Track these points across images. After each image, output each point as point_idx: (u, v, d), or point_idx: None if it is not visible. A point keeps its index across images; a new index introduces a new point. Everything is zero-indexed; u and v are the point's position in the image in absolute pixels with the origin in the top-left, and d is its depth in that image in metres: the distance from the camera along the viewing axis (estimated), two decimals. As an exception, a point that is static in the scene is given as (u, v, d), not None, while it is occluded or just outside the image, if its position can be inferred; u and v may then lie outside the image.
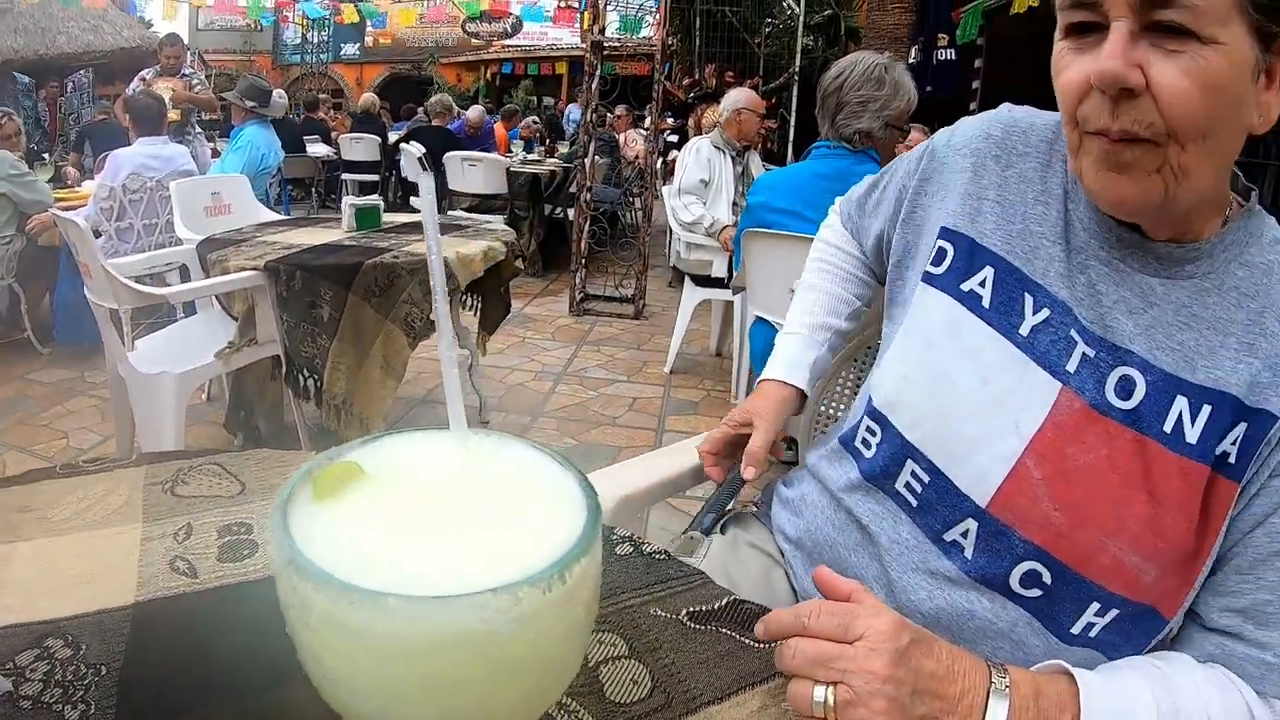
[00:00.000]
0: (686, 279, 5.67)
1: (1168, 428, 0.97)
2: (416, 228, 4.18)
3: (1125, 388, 1.00)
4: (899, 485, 1.14)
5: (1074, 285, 1.06)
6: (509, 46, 25.71)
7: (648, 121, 7.57)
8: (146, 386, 3.34)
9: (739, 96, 5.97)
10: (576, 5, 21.03)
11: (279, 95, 7.76)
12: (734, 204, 5.66)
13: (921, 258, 1.24)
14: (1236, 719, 0.87)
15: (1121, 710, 0.84)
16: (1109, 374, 1.01)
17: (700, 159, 5.76)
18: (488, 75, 25.80)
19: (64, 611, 0.95)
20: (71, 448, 4.39)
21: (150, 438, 3.42)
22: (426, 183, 0.67)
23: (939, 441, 1.10)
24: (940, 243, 1.19)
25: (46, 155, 10.03)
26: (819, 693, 0.77)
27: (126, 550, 1.09)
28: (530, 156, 11.10)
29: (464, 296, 4.05)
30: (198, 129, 8.40)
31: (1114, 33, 0.89)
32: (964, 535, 1.06)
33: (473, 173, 8.69)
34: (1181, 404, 0.97)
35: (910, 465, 1.12)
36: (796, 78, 11.95)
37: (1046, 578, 1.01)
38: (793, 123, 11.98)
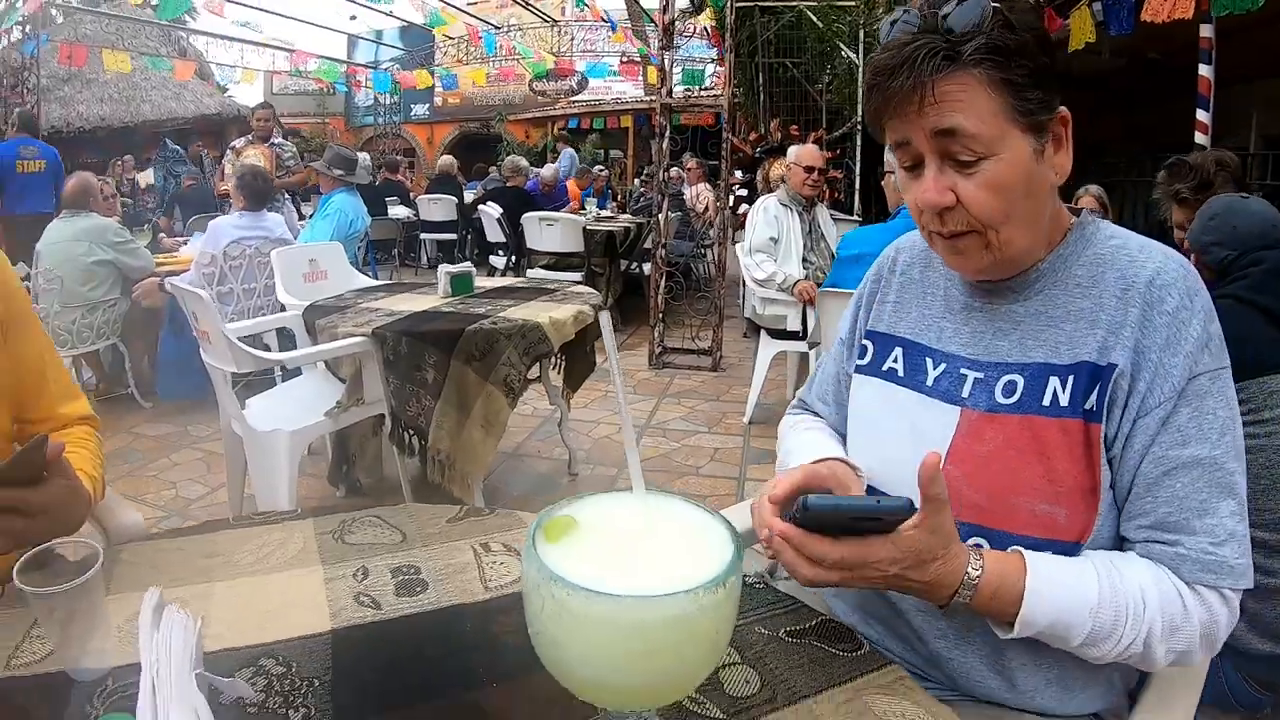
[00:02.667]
0: (762, 332, 5.86)
1: (1046, 402, 1.27)
2: (507, 292, 4.47)
3: (1009, 389, 1.31)
4: None
5: (960, 336, 1.41)
6: (575, 101, 26.05)
7: (719, 178, 7.80)
8: (261, 443, 3.62)
9: (790, 151, 6.24)
10: (639, 60, 21.35)
11: (364, 163, 8.13)
12: (804, 259, 5.87)
13: (852, 359, 1.59)
14: (1169, 598, 1.16)
15: (1055, 606, 1.15)
16: (996, 384, 1.33)
17: (768, 217, 5.97)
18: (555, 130, 26.16)
19: (269, 638, 1.21)
20: (180, 498, 4.68)
21: (265, 490, 3.69)
22: (609, 339, 0.94)
23: (891, 473, 1.42)
24: (864, 342, 1.56)
25: (147, 224, 10.50)
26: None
27: (314, 588, 1.36)
28: (604, 213, 11.38)
29: (552, 358, 4.30)
30: (285, 194, 8.77)
31: (928, 169, 1.25)
32: None
33: (550, 232, 8.98)
34: (1054, 382, 1.27)
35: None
36: (859, 127, 12.12)
37: (986, 545, 1.26)
38: (858, 171, 12.15)
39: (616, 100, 24.85)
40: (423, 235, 12.68)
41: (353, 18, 22.31)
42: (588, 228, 9.11)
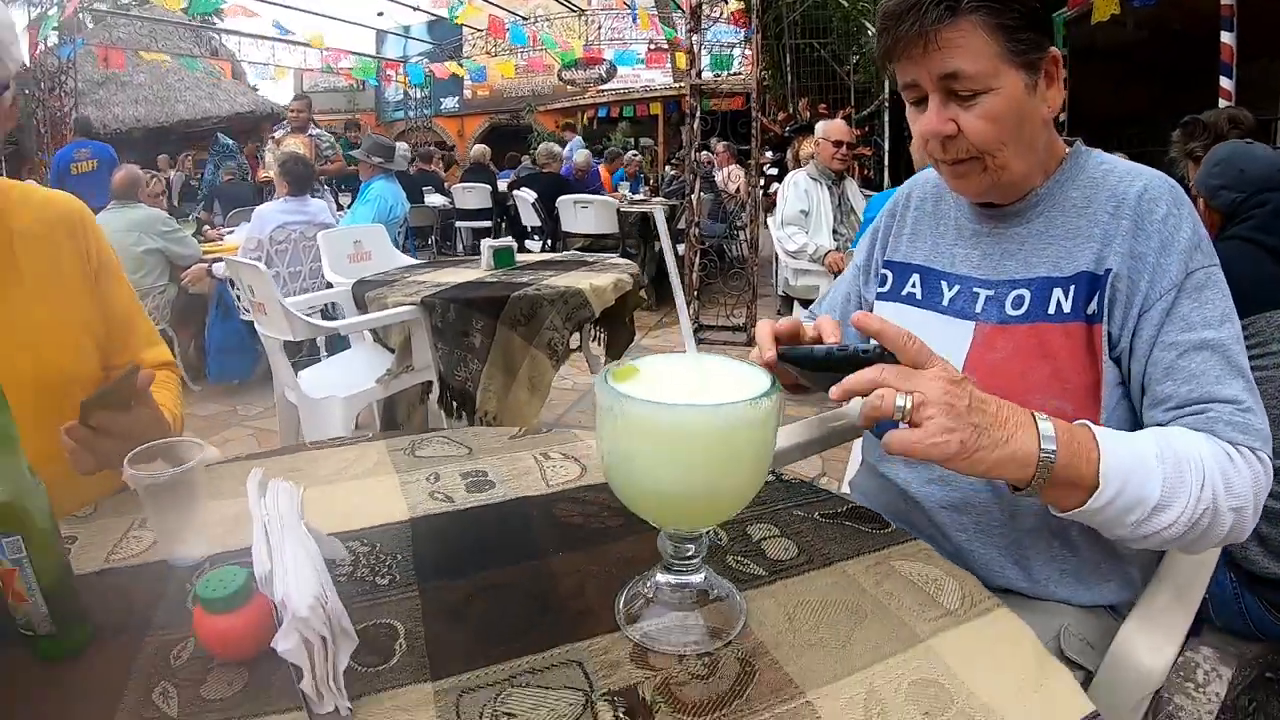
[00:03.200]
0: (795, 304, 5.98)
1: (1050, 310, 1.42)
2: (548, 265, 4.62)
3: (1017, 302, 1.46)
4: None
5: (970, 259, 1.56)
6: (603, 91, 26.02)
7: (750, 159, 7.90)
8: (316, 409, 3.80)
9: (818, 127, 6.36)
10: (667, 48, 21.35)
11: (402, 150, 8.31)
12: (834, 231, 5.99)
13: (870, 286, 1.76)
14: (1218, 452, 1.23)
15: (1127, 445, 1.20)
16: (1005, 298, 1.48)
17: (799, 191, 6.09)
18: (584, 120, 26.15)
19: (354, 526, 1.38)
20: (235, 474, 4.81)
21: (318, 458, 3.83)
22: (664, 230, 1.09)
23: None
24: (884, 272, 1.73)
25: (189, 217, 10.69)
26: (900, 399, 1.08)
27: (391, 490, 1.53)
28: (636, 196, 11.48)
29: (592, 329, 4.46)
30: (323, 184, 8.94)
31: (932, 103, 1.40)
32: None
33: (585, 214, 9.11)
34: (1057, 293, 1.42)
35: None
36: (887, 105, 12.17)
37: None
38: (886, 149, 12.20)
39: (645, 88, 24.82)
40: (458, 223, 12.82)
41: (380, 14, 22.53)
42: (621, 209, 9.22)
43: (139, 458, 1.27)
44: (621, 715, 0.93)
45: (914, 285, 1.64)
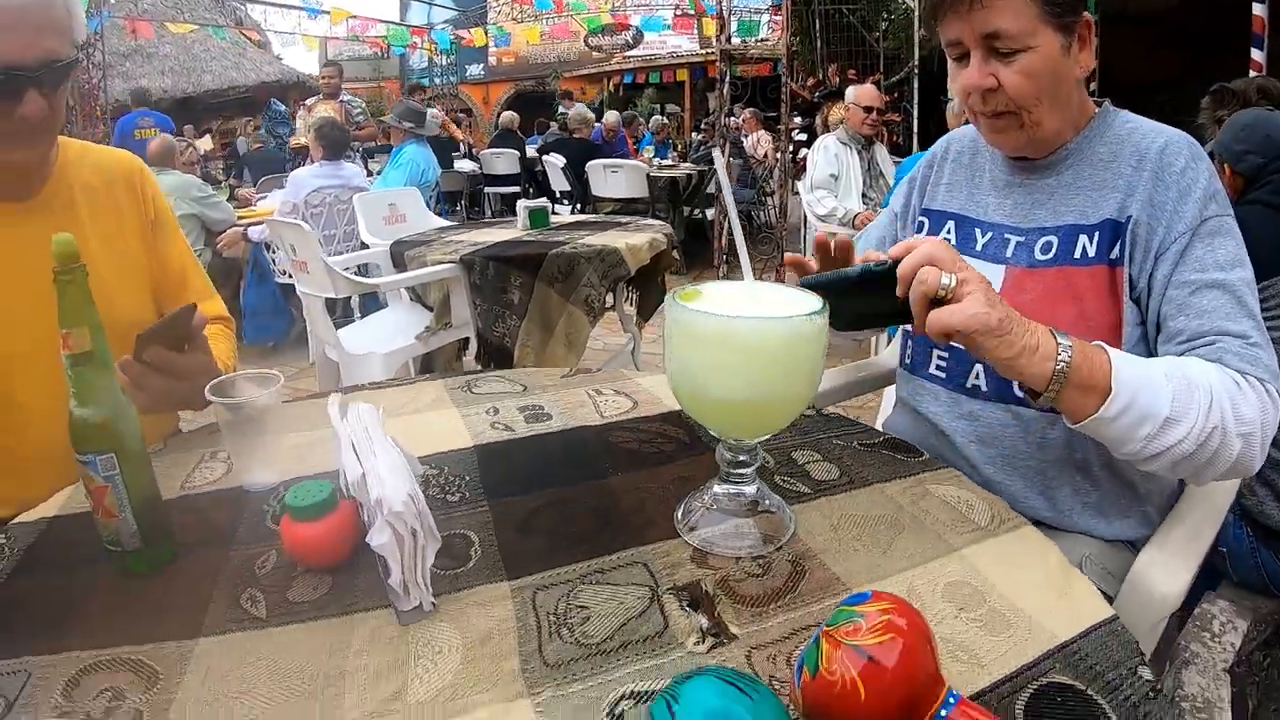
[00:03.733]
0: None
1: (1077, 255, 1.50)
2: (583, 225, 4.68)
3: (1046, 247, 1.54)
4: (932, 368, 1.69)
5: (1003, 209, 1.64)
6: (630, 57, 25.85)
7: (779, 123, 7.92)
8: (356, 366, 3.87)
9: (849, 92, 6.39)
10: (693, 14, 21.23)
11: (432, 115, 8.36)
12: (864, 195, 6.02)
13: (908, 231, 1.85)
14: (1226, 378, 1.28)
15: (1138, 363, 1.26)
16: (1034, 244, 1.56)
17: (828, 155, 6.11)
18: (610, 86, 26.04)
19: (421, 453, 1.45)
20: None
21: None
22: (720, 164, 1.17)
23: None
24: (920, 219, 1.80)
25: (221, 183, 10.79)
26: (946, 278, 1.16)
27: (452, 421, 1.62)
28: (665, 161, 11.50)
29: (625, 290, 4.52)
30: (354, 149, 9.00)
31: (973, 59, 1.48)
32: (977, 377, 1.60)
33: (614, 178, 9.14)
34: (1083, 239, 1.50)
35: (935, 351, 1.69)
36: (916, 71, 12.13)
37: None
38: (915, 115, 12.16)
39: (672, 54, 24.61)
40: (486, 189, 12.88)
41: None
42: (651, 174, 9.23)
43: (218, 389, 1.35)
44: (686, 606, 1.01)
45: (949, 232, 1.70)
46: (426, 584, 1.02)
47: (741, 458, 1.14)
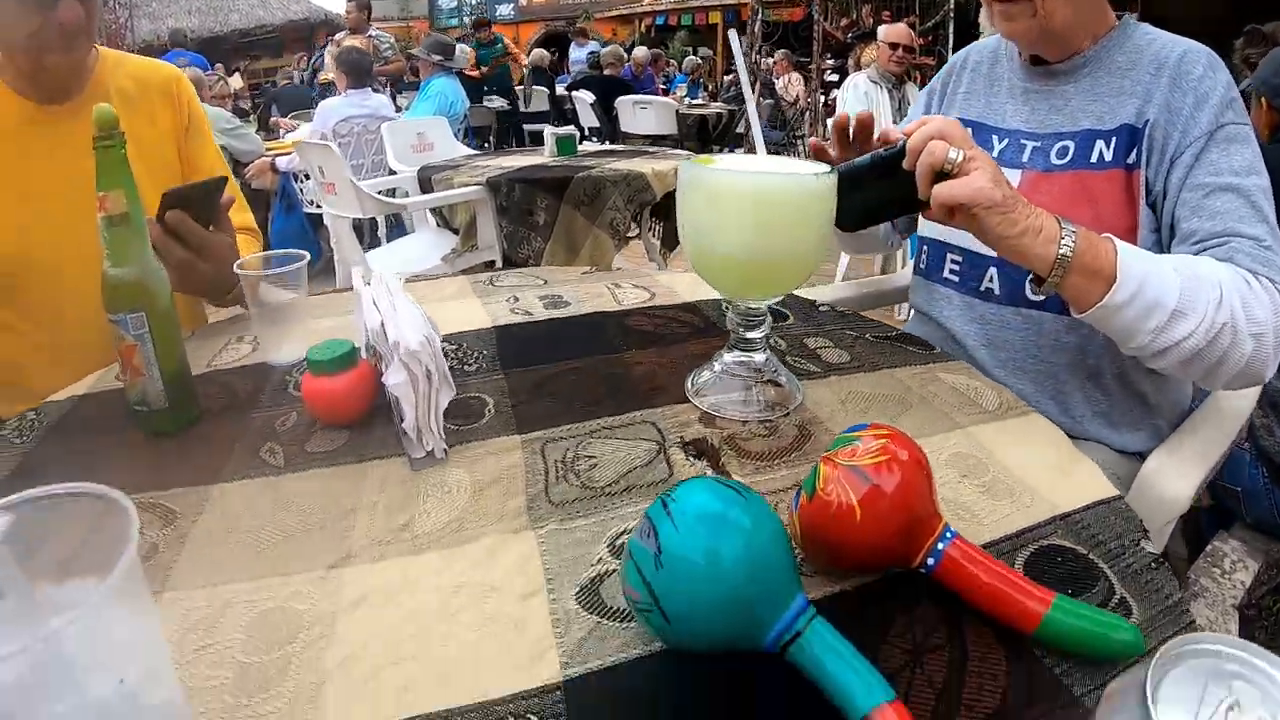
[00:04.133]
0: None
1: (1093, 159, 1.49)
2: (609, 154, 4.67)
3: (1062, 152, 1.54)
4: (945, 273, 1.70)
5: (1020, 115, 1.64)
6: (662, -1, 25.66)
7: (811, 65, 7.87)
8: (384, 288, 3.88)
9: (880, 30, 6.34)
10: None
11: (461, 49, 8.35)
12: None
13: None
14: (1236, 277, 1.26)
15: (1145, 255, 1.23)
16: (1051, 149, 1.55)
17: (858, 93, 6.05)
18: (642, 28, 25.85)
19: (452, 330, 1.50)
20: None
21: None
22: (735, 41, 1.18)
23: (962, 233, 1.62)
24: None
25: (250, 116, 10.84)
26: (953, 152, 1.16)
27: (474, 308, 1.65)
28: (695, 101, 11.45)
29: (649, 220, 4.53)
30: (382, 83, 9.00)
31: None
32: (990, 280, 1.60)
33: (644, 115, 9.11)
34: (1100, 144, 1.49)
35: (949, 255, 1.69)
36: (952, 14, 11.96)
37: None
38: (950, 59, 11.98)
39: (705, -3, 24.48)
40: (526, 126, 12.86)
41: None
42: (680, 111, 9.20)
43: (246, 264, 1.39)
44: (692, 457, 1.04)
45: None
46: (439, 431, 1.05)
47: (752, 321, 1.16)
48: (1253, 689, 0.37)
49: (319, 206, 5.16)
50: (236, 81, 14.81)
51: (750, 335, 1.16)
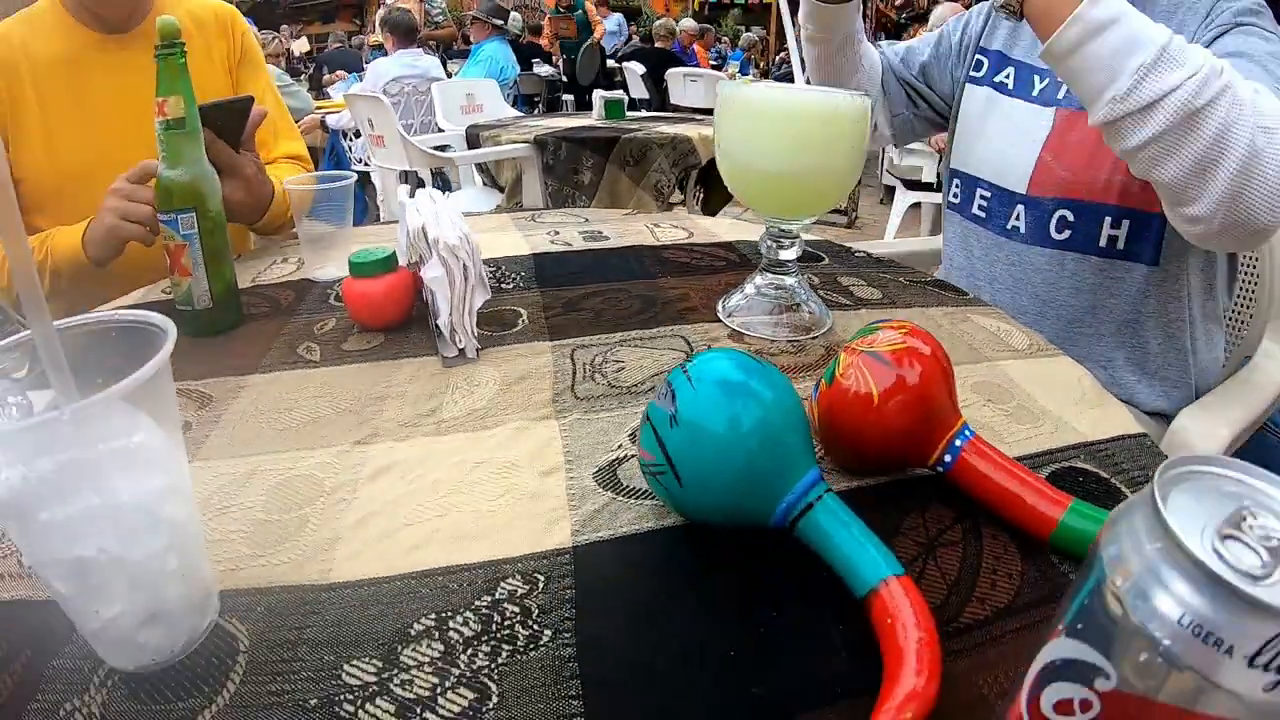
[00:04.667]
0: (898, 185, 5.96)
1: None
2: (657, 118, 4.69)
3: None
4: (974, 209, 1.69)
5: None
6: (717, -24, 25.43)
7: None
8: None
9: (935, 12, 6.30)
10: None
11: (515, 16, 8.37)
12: (942, 112, 5.93)
13: (961, 68, 1.80)
14: (1243, 83, 1.12)
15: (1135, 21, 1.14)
16: None
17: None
18: (695, 5, 25.68)
19: (486, 256, 1.50)
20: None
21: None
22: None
23: (993, 165, 1.65)
24: (980, 57, 1.75)
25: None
26: None
27: (514, 239, 1.68)
28: (746, 77, 11.39)
29: (695, 189, 4.52)
30: (433, 48, 9.03)
31: None
32: (1017, 218, 1.60)
33: (693, 88, 9.05)
34: None
35: (979, 191, 1.68)
36: None
37: (1070, 216, 1.50)
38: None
39: (759, -25, 24.27)
40: (564, 95, 12.85)
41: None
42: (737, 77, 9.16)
43: (294, 181, 1.42)
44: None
45: (1007, 76, 1.69)
46: (473, 330, 1.07)
47: (784, 242, 1.16)
48: (1258, 506, 0.38)
49: (367, 164, 5.20)
50: (303, 44, 14.91)
51: (782, 256, 1.17)
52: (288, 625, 0.64)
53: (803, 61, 1.34)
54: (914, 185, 5.79)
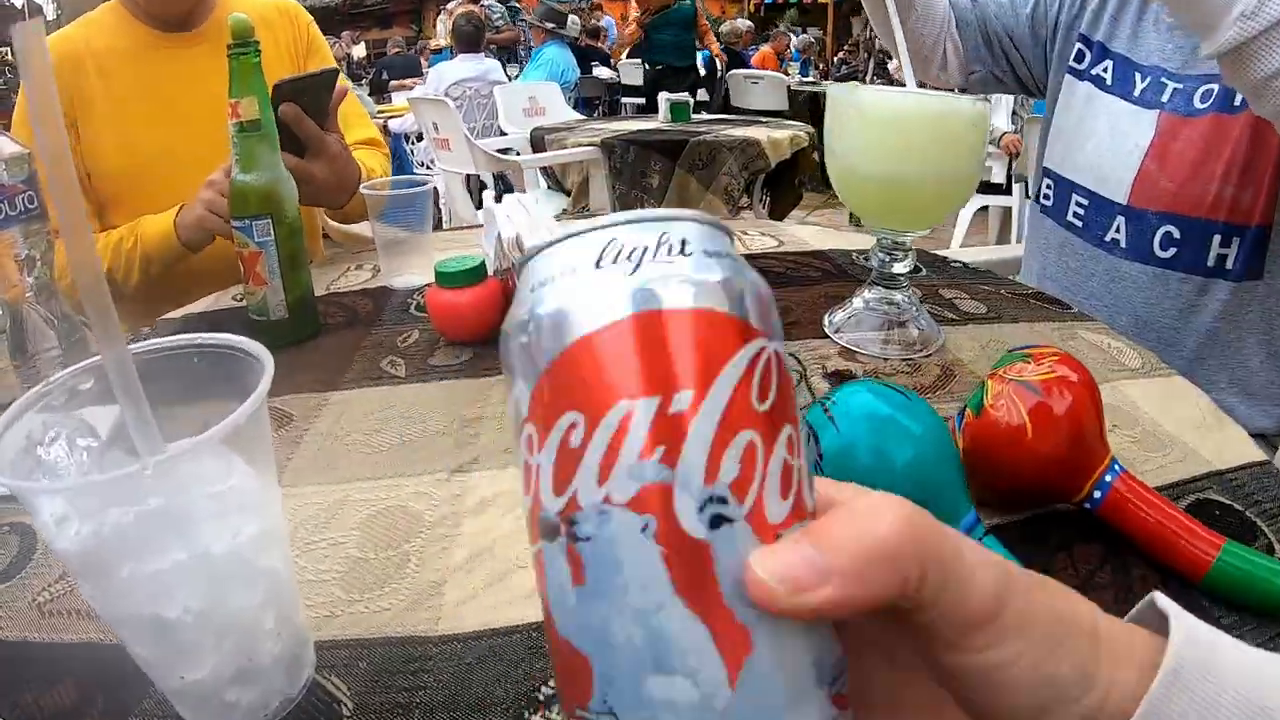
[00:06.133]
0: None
1: (1237, 103, 1.34)
2: (724, 121, 4.61)
3: (1206, 95, 1.39)
4: (1069, 216, 1.59)
5: (1164, 52, 1.48)
6: (772, -24, 25.33)
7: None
8: (493, 246, 3.89)
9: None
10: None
11: (573, 19, 8.36)
12: (1013, 113, 5.83)
13: (1066, 57, 1.67)
14: None
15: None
16: (1194, 92, 1.41)
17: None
18: (751, 6, 25.59)
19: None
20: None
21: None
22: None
23: (1091, 171, 1.54)
24: (1080, 46, 1.63)
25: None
26: None
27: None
28: (806, 78, 11.32)
29: (761, 193, 4.46)
30: (493, 52, 9.04)
31: None
32: (1117, 230, 1.49)
33: (755, 89, 8.98)
34: None
35: (1075, 197, 1.57)
36: None
37: (1176, 233, 1.40)
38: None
39: (817, -24, 24.14)
40: (623, 99, 12.83)
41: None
42: (792, 87, 9.07)
43: (373, 186, 1.37)
44: (832, 381, 0.99)
45: (1105, 70, 1.59)
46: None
47: (896, 255, 1.10)
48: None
49: (429, 168, 5.19)
50: (360, 50, 15.02)
51: (893, 270, 1.11)
52: (396, 686, 0.59)
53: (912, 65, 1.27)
54: (982, 186, 5.68)
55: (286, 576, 0.56)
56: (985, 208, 5.73)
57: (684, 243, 0.30)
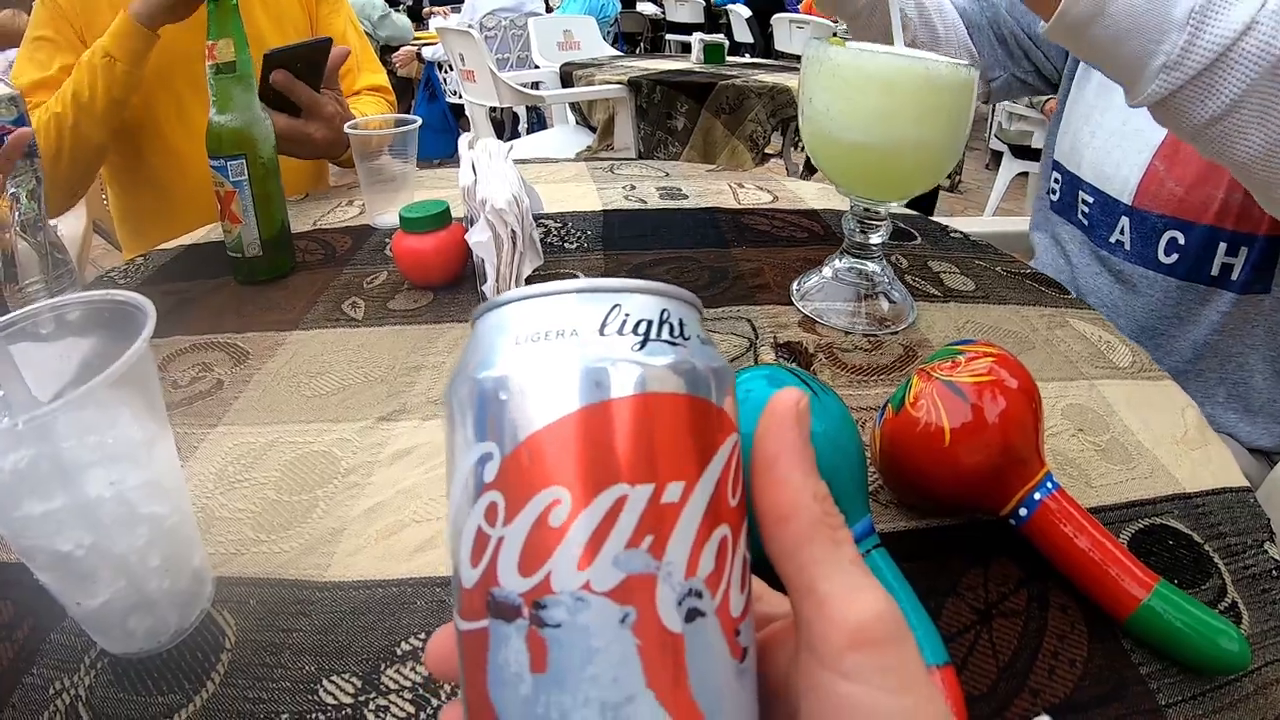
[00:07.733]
0: (1005, 152, 5.75)
1: None
2: (757, 66, 4.54)
3: None
4: (1077, 214, 1.54)
5: None
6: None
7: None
8: (520, 175, 3.89)
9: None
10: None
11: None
12: (1057, 79, 5.72)
13: None
14: None
15: None
16: None
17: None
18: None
19: (554, 210, 1.47)
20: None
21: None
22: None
23: (1097, 167, 1.48)
24: None
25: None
26: None
27: (587, 191, 1.61)
28: (837, 37, 11.11)
29: (796, 137, 4.40)
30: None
31: None
32: (1122, 232, 1.44)
33: (800, 35, 8.84)
34: None
35: (1081, 194, 1.52)
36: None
37: (1180, 239, 1.35)
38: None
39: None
40: (667, 35, 12.69)
41: None
42: (838, 33, 8.94)
43: (358, 125, 1.36)
44: (783, 358, 0.97)
45: None
46: (521, 296, 1.00)
47: (870, 224, 1.07)
48: None
49: (461, 96, 5.17)
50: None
51: (866, 240, 1.08)
52: (276, 625, 0.61)
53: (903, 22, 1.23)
54: (1022, 151, 5.59)
55: (175, 522, 0.58)
56: (1025, 174, 5.62)
57: (682, 324, 0.30)
